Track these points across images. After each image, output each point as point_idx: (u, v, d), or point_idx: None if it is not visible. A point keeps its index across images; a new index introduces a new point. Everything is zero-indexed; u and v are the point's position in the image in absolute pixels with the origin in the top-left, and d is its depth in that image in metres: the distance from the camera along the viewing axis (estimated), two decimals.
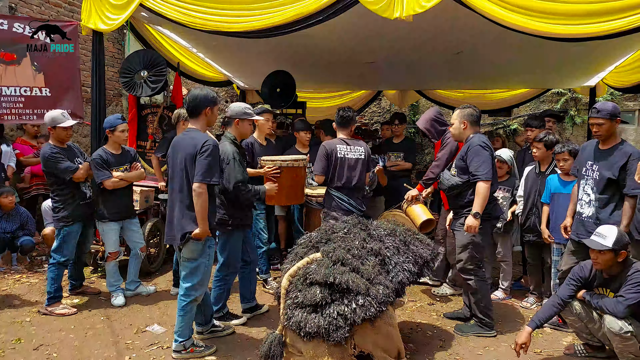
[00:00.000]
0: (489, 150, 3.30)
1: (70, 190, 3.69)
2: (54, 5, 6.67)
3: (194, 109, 2.92)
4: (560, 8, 3.31)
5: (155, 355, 3.02)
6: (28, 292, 4.08)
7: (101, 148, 3.88)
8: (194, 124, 2.94)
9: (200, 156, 2.75)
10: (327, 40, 4.75)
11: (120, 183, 3.81)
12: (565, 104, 8.48)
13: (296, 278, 2.55)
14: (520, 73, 6.12)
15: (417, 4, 3.43)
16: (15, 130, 6.06)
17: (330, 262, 2.54)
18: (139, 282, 4.17)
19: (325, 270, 2.47)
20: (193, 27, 4.20)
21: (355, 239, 2.78)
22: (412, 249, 2.88)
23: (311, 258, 2.62)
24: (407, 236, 2.97)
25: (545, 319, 2.95)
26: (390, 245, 2.84)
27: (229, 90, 9.10)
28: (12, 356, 2.95)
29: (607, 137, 3.14)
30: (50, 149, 3.63)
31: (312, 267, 2.54)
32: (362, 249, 2.73)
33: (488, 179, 3.23)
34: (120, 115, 4.00)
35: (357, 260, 2.63)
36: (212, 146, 2.80)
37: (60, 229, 3.68)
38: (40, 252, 5.18)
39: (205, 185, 2.76)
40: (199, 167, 2.75)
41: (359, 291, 2.44)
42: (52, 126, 3.69)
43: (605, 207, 3.14)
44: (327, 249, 2.63)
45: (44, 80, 4.76)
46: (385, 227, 3.00)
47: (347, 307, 2.40)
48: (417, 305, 4.02)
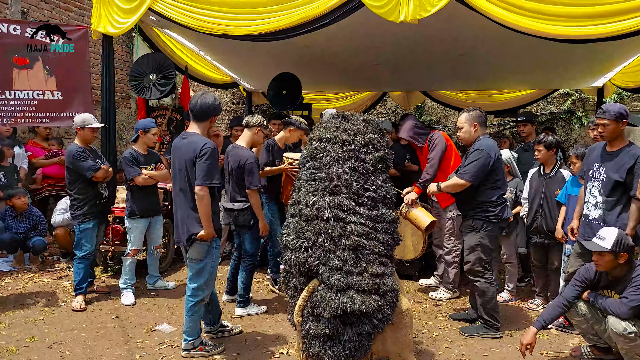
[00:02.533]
0: (487, 153, 3.30)
1: (88, 189, 3.86)
2: (64, 9, 6.78)
3: (203, 115, 2.96)
4: (564, 10, 3.33)
5: (165, 354, 3.07)
6: (40, 292, 4.16)
7: (130, 147, 4.07)
8: (198, 128, 2.98)
9: (199, 159, 2.81)
10: (333, 43, 4.79)
11: (149, 180, 4.00)
12: (572, 105, 8.42)
13: (306, 310, 2.34)
14: (526, 74, 6.11)
15: (422, 8, 3.47)
16: (27, 133, 6.17)
17: (332, 292, 2.25)
18: (158, 277, 4.34)
19: (330, 303, 2.22)
20: (201, 30, 4.27)
21: (345, 248, 2.29)
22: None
23: (311, 288, 2.34)
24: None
25: (550, 320, 2.96)
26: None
27: (236, 92, 9.17)
28: (26, 354, 3.02)
29: (612, 138, 3.12)
30: (77, 148, 3.83)
31: (316, 299, 2.29)
32: (354, 251, 2.30)
33: (464, 178, 3.32)
34: (153, 119, 4.24)
35: (357, 274, 2.26)
36: (211, 149, 2.85)
37: (77, 225, 3.85)
38: (52, 252, 5.27)
39: (206, 188, 2.81)
40: (200, 170, 2.80)
41: (375, 309, 2.23)
42: (81, 127, 3.87)
43: (612, 210, 3.13)
44: (323, 278, 2.29)
45: (56, 84, 4.86)
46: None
47: (367, 326, 2.24)
48: (422, 306, 4.04)
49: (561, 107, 8.53)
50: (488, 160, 3.30)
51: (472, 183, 3.32)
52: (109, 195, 4.09)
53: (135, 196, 3.99)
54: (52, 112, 4.85)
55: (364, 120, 2.48)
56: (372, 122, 2.44)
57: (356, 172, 2.32)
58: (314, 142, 2.41)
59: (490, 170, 3.33)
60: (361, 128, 2.41)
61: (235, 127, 5.30)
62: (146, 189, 4.02)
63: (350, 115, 2.50)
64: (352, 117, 2.48)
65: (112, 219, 4.32)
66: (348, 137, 2.35)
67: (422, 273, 4.82)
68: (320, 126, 2.57)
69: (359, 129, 2.39)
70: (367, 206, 2.33)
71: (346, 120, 2.48)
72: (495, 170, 3.36)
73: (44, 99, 4.82)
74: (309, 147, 2.43)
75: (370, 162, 2.34)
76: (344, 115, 2.51)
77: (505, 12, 3.39)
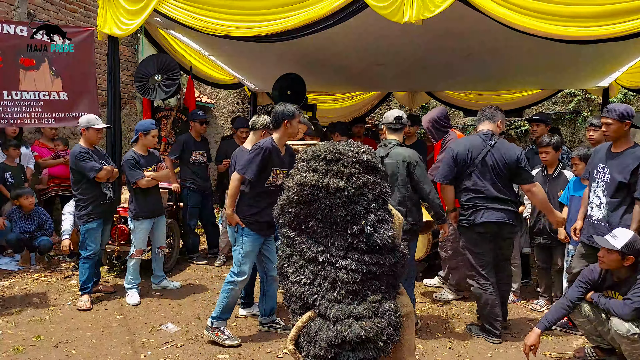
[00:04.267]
0: (450, 150, 3.34)
1: (92, 190, 3.88)
2: (70, 10, 6.83)
3: (275, 122, 3.22)
4: (568, 10, 3.32)
5: (169, 353, 3.09)
6: (47, 291, 4.20)
7: (131, 150, 4.08)
8: (275, 133, 3.26)
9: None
10: (337, 43, 4.80)
11: (152, 182, 4.03)
12: (577, 105, 8.38)
13: (302, 338, 2.23)
14: (531, 74, 6.09)
15: (426, 9, 3.46)
16: (33, 133, 6.22)
17: (331, 323, 2.13)
18: (163, 277, 4.36)
19: (328, 333, 2.10)
20: (205, 32, 4.29)
21: (342, 290, 2.15)
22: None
23: (305, 319, 2.25)
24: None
25: (554, 321, 2.96)
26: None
27: (240, 93, 9.20)
28: (32, 353, 3.06)
29: (615, 138, 3.10)
30: (80, 148, 3.86)
31: (314, 328, 2.16)
32: (352, 293, 2.16)
33: (438, 179, 3.36)
34: (153, 120, 4.25)
35: (356, 304, 2.14)
36: (255, 148, 3.14)
37: (82, 225, 3.88)
38: (58, 252, 5.31)
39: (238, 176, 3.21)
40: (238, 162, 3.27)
41: (376, 332, 2.10)
42: (86, 127, 3.89)
43: (615, 211, 3.11)
44: (320, 310, 2.19)
45: (62, 85, 4.90)
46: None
47: (372, 352, 2.11)
48: (426, 307, 4.05)
49: (566, 107, 8.50)
50: (449, 153, 3.34)
51: (441, 182, 3.35)
52: (113, 195, 4.12)
53: (139, 198, 4.01)
54: (58, 113, 4.89)
55: (355, 162, 2.19)
56: (364, 161, 2.16)
57: (347, 217, 2.11)
58: (305, 187, 2.16)
59: (459, 169, 3.31)
60: (353, 171, 2.16)
61: (240, 128, 5.31)
62: (149, 191, 4.04)
63: (341, 154, 2.19)
64: (343, 158, 2.19)
65: (118, 219, 4.36)
66: (341, 184, 2.11)
67: (426, 273, 4.83)
68: (309, 168, 2.23)
69: (351, 172, 2.14)
70: (359, 251, 2.15)
71: (336, 160, 2.20)
72: (460, 168, 3.31)
73: (49, 100, 4.86)
74: (299, 190, 2.20)
75: (364, 204, 2.12)
76: (333, 157, 2.21)
77: (509, 12, 3.38)
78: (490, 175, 3.28)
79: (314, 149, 2.25)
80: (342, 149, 2.19)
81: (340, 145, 2.22)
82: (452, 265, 4.19)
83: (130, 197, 4.05)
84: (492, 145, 3.32)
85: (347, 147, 2.20)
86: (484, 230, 3.29)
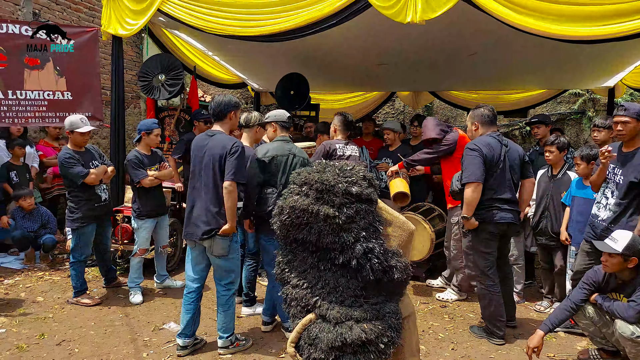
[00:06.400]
0: (477, 150, 3.25)
1: (84, 193, 3.83)
2: (75, 10, 6.86)
3: (220, 113, 3.08)
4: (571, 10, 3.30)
5: (172, 352, 3.10)
6: (50, 289, 4.22)
7: (134, 150, 4.06)
8: (221, 126, 3.10)
9: (230, 157, 2.90)
10: (340, 43, 4.79)
11: (156, 181, 4.03)
12: (583, 105, 8.33)
13: (302, 341, 2.24)
14: (536, 74, 6.06)
15: (430, 9, 3.46)
16: (37, 132, 6.26)
17: (331, 325, 2.16)
18: (166, 275, 4.37)
19: (328, 335, 2.12)
20: (209, 31, 4.30)
21: (342, 277, 2.19)
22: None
23: (306, 321, 2.26)
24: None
25: (557, 323, 2.94)
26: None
27: (244, 92, 9.22)
28: (36, 351, 3.07)
29: (630, 137, 3.06)
30: (65, 154, 3.78)
31: (314, 331, 2.18)
32: (355, 295, 2.19)
33: (470, 180, 3.21)
34: (155, 120, 4.22)
35: (357, 307, 2.17)
36: (241, 148, 2.96)
37: (75, 229, 3.83)
38: (62, 251, 5.34)
39: (235, 184, 2.90)
40: (230, 166, 2.89)
41: (377, 334, 2.12)
42: (70, 130, 3.83)
43: (623, 212, 3.08)
44: (321, 311, 2.21)
45: (66, 84, 4.92)
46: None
47: (373, 355, 2.12)
48: (429, 307, 4.03)
49: (571, 107, 8.45)
50: (476, 153, 3.24)
51: (477, 182, 3.21)
52: (109, 197, 4.09)
53: (142, 197, 4.01)
54: (62, 112, 4.91)
55: (346, 192, 2.12)
56: (354, 194, 2.11)
57: (335, 246, 2.10)
58: (296, 210, 2.14)
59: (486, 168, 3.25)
60: (345, 201, 2.11)
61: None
62: (152, 190, 4.04)
63: (331, 186, 2.12)
64: (333, 189, 2.12)
65: (122, 218, 4.37)
66: (331, 212, 2.07)
67: (429, 274, 4.81)
68: (301, 192, 2.19)
69: (342, 202, 2.09)
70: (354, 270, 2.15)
71: (327, 191, 2.14)
72: (488, 169, 3.26)
73: (54, 99, 4.89)
74: (291, 214, 2.16)
75: (353, 232, 2.09)
76: (324, 189, 2.15)
77: (512, 12, 3.37)
78: (507, 175, 3.31)
79: (305, 176, 2.17)
80: (333, 180, 2.10)
81: (330, 173, 2.14)
82: (456, 266, 4.18)
83: (134, 196, 4.06)
84: (507, 145, 3.37)
85: (337, 179, 2.11)
86: (497, 231, 3.31)
